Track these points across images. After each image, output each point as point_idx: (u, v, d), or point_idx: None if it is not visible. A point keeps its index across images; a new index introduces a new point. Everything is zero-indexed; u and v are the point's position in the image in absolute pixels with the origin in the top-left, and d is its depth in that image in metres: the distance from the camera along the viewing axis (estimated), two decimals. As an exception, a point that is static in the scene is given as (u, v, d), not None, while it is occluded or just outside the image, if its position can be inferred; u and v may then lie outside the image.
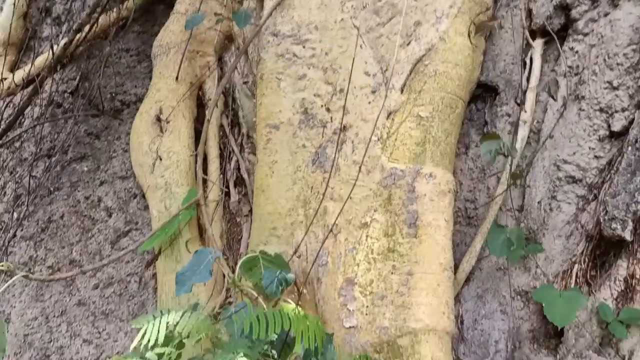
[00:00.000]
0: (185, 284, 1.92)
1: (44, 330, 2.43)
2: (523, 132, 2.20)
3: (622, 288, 1.96)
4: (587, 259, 2.04)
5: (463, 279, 2.21)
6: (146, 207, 2.60)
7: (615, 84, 2.04)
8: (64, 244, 2.57)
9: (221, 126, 2.72)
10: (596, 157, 2.08)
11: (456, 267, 2.21)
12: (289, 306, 1.83)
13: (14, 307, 2.53)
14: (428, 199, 2.11)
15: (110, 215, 2.63)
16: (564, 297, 1.97)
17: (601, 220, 1.94)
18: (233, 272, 2.26)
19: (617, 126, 2.03)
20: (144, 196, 2.63)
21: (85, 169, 2.71)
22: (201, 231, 2.53)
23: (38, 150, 2.71)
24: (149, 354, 1.67)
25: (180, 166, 2.55)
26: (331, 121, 2.33)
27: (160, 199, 2.52)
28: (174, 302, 2.39)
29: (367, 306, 2.08)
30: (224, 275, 2.38)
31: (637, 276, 1.95)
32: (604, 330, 1.96)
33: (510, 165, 2.13)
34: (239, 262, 2.06)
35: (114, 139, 2.78)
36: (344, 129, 2.28)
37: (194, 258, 1.96)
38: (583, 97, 2.10)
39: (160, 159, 2.57)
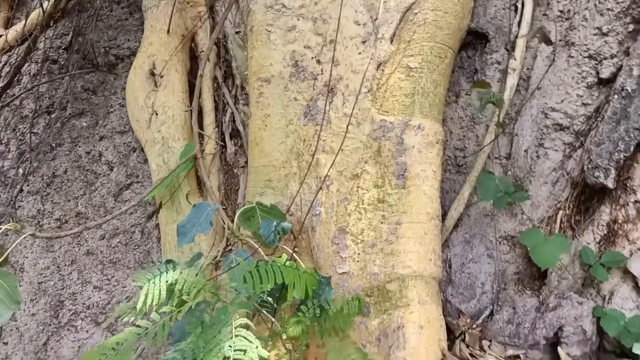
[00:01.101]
0: (187, 235, 2.01)
1: (56, 279, 2.58)
2: (512, 80, 2.19)
3: (605, 233, 2.03)
4: (571, 205, 2.10)
5: (452, 225, 2.28)
6: (146, 161, 2.66)
7: (604, 30, 2.01)
8: (69, 198, 2.67)
9: (215, 78, 2.72)
10: (584, 104, 2.08)
11: (445, 214, 2.28)
12: (282, 259, 1.91)
13: (27, 257, 2.67)
14: (416, 151, 2.15)
15: (111, 169, 2.70)
16: (549, 241, 2.04)
17: (585, 168, 1.98)
18: (232, 221, 2.36)
19: (605, 73, 2.02)
20: (142, 150, 2.69)
21: (85, 124, 2.76)
22: (200, 183, 2.61)
23: (37, 108, 2.76)
24: (153, 315, 1.75)
25: (176, 121, 2.59)
26: (322, 73, 2.33)
27: (158, 153, 2.58)
28: (177, 251, 2.51)
29: (359, 254, 2.17)
30: (223, 225, 2.48)
31: (619, 221, 2.00)
32: (586, 273, 2.05)
33: (499, 114, 2.14)
34: (237, 214, 2.14)
35: (110, 94, 2.80)
36: (334, 81, 2.28)
37: (194, 211, 2.03)
38: (573, 44, 2.08)
39: (156, 114, 2.61)
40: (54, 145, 2.73)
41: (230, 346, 1.52)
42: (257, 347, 1.54)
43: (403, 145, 2.16)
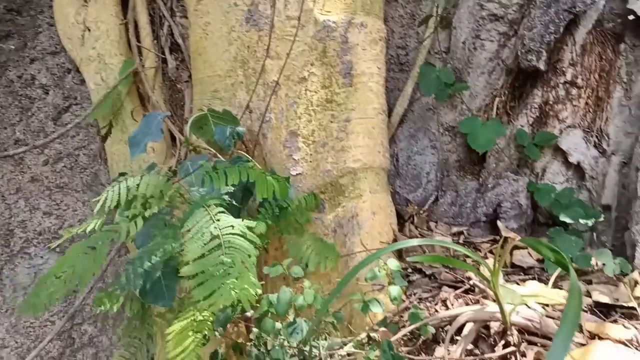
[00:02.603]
0: (139, 145, 1.96)
1: (2, 208, 2.51)
2: (449, -26, 2.24)
3: (537, 115, 2.18)
4: (507, 92, 2.23)
5: (397, 121, 2.37)
6: (83, 81, 2.56)
7: None
8: (5, 125, 2.54)
9: (148, -11, 2.60)
10: (517, -7, 2.17)
11: (391, 111, 2.36)
12: (248, 164, 1.94)
13: (-33, 191, 2.56)
14: (360, 49, 2.19)
15: (47, 93, 2.58)
16: (486, 126, 2.17)
17: (519, 53, 2.09)
18: (182, 135, 2.34)
19: (536, -40, 2.10)
20: (78, 70, 2.58)
21: (13, 47, 2.59)
22: (143, 101, 2.55)
23: (-44, 31, 2.56)
24: (118, 217, 1.73)
25: (111, 36, 2.48)
26: (260, -25, 2.28)
27: (96, 71, 2.49)
28: (127, 170, 2.48)
29: (311, 154, 2.24)
30: (173, 139, 2.46)
31: (550, 103, 2.15)
32: (521, 154, 2.21)
33: (437, 8, 2.20)
34: (189, 121, 2.13)
35: (36, 13, 2.63)
36: (273, -18, 2.25)
37: (143, 121, 2.00)
38: None
39: (89, 30, 2.49)
40: (-20, 71, 2.56)
41: (215, 227, 1.52)
42: (242, 220, 1.55)
43: (347, 44, 2.19)
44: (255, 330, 1.59)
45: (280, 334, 1.51)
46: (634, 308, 1.52)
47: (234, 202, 2.00)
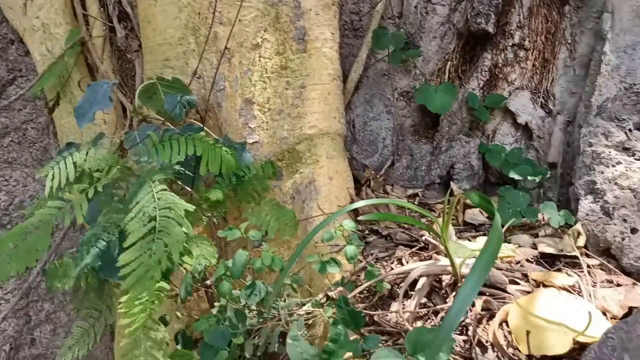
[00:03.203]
0: (86, 115, 1.91)
1: (-52, 187, 2.41)
2: (399, -63, 2.24)
3: (487, 78, 2.23)
4: (458, 56, 2.27)
5: (353, 87, 2.39)
6: (27, 53, 2.46)
7: None
8: (-56, 100, 2.43)
9: (91, -45, 2.50)
10: (467, -44, 2.19)
11: (346, 77, 2.37)
12: (198, 135, 1.91)
13: None
14: (314, 14, 2.18)
15: (-11, 65, 2.48)
16: (439, 90, 2.21)
17: (469, 17, 2.12)
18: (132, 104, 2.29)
19: None
20: (22, 41, 2.47)
21: (-53, 17, 2.46)
22: (92, 71, 2.47)
23: None
24: (66, 195, 1.70)
25: (55, 4, 2.38)
26: (208, -62, 2.23)
27: (40, 41, 2.39)
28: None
29: (267, 122, 2.23)
30: (124, 110, 2.41)
31: (499, 65, 2.20)
32: (472, 117, 2.27)
33: (389, -28, 2.20)
34: (137, 91, 2.08)
35: (-29, -19, 2.49)
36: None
37: (89, 90, 1.94)
38: None
39: (31, -1, 2.38)
40: None
41: (155, 207, 1.52)
42: (182, 202, 1.56)
43: (300, 9, 2.18)
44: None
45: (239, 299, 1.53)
46: (576, 257, 1.60)
47: (187, 172, 1.98)
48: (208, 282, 1.74)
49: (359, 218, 1.98)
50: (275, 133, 2.21)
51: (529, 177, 2.01)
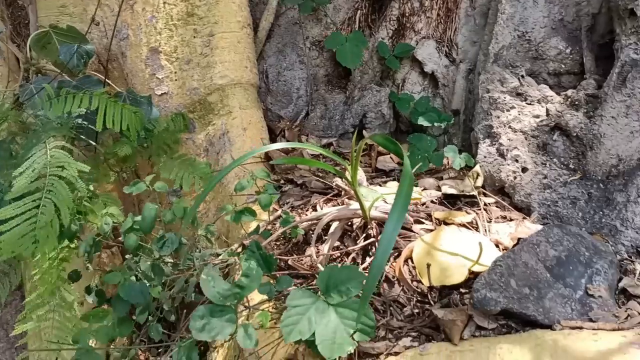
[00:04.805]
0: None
1: None
2: None
3: (395, 27, 2.27)
4: (367, 4, 2.28)
5: (264, 36, 2.35)
6: None
7: None
8: None
9: None
10: None
11: (257, 26, 2.32)
12: (99, 90, 1.81)
13: None
14: (220, -43, 2.10)
15: None
16: (350, 40, 2.22)
17: (377, -35, 2.13)
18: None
19: None
20: None
21: None
22: (-24, 18, 2.25)
23: None
24: None
25: None
26: None
27: None
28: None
29: (175, 72, 2.15)
30: (17, 62, 2.23)
31: (407, 15, 2.25)
32: (383, 66, 2.31)
33: None
34: (29, 40, 1.93)
35: None
36: None
37: (-28, 39, 1.78)
38: None
39: None
40: None
41: (45, 165, 1.45)
42: (76, 163, 1.49)
43: (205, -48, 2.08)
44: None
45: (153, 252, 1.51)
46: (474, 196, 1.73)
47: (90, 126, 1.89)
48: (121, 238, 1.70)
49: (271, 162, 2.00)
50: (184, 84, 2.15)
51: (435, 124, 2.11)
